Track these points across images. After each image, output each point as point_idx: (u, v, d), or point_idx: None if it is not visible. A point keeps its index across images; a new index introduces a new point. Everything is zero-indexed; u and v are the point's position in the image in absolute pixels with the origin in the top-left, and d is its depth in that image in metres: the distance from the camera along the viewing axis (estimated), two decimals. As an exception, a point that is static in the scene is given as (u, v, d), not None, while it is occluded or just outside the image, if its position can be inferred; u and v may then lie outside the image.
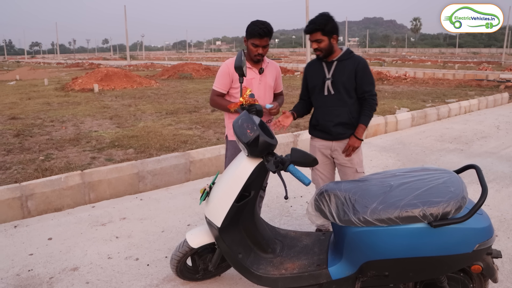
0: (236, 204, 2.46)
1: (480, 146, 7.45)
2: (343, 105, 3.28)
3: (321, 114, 3.37)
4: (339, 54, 3.29)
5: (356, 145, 3.30)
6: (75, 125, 9.13)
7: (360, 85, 3.28)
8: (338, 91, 3.26)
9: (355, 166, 3.41)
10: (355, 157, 3.39)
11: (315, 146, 3.49)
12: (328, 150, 3.41)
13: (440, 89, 16.88)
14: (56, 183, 4.70)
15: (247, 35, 3.26)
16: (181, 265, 2.86)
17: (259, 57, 3.28)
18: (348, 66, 3.27)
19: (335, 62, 3.28)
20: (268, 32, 3.22)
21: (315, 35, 3.17)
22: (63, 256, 3.53)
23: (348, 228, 2.32)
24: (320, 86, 3.31)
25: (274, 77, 3.52)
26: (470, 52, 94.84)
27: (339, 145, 3.36)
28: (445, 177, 2.36)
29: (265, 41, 3.22)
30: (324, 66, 3.31)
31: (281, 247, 2.76)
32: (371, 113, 3.34)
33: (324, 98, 3.31)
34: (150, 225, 4.16)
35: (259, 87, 3.37)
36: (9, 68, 43.64)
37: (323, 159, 3.45)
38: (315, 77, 3.37)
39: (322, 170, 3.49)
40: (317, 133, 3.45)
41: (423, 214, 2.15)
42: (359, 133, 3.31)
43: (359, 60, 3.32)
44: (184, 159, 5.69)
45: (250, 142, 2.36)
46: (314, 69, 3.40)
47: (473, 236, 2.21)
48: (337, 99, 3.28)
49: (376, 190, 2.38)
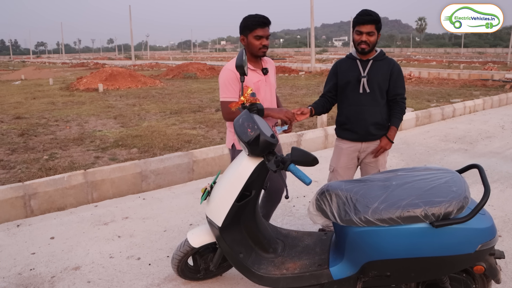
0: (237, 204, 2.45)
1: (485, 146, 7.41)
2: (377, 105, 3.27)
3: (353, 113, 3.30)
4: (375, 54, 3.29)
5: (388, 148, 3.31)
6: (80, 125, 9.17)
7: (394, 87, 3.28)
8: (373, 90, 3.24)
9: (379, 167, 3.40)
10: (381, 158, 3.39)
11: (342, 148, 3.42)
12: (356, 152, 3.37)
13: (445, 89, 16.79)
14: (59, 182, 4.71)
15: (245, 30, 3.04)
16: (182, 264, 2.85)
17: (265, 49, 3.07)
18: (383, 66, 3.26)
19: (370, 61, 3.26)
20: (268, 21, 3.06)
21: (369, 27, 3.12)
22: (65, 255, 3.54)
23: (349, 228, 2.30)
24: (354, 83, 3.27)
25: (274, 75, 3.40)
26: (476, 52, 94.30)
27: (369, 146, 3.33)
28: (448, 177, 2.34)
29: (268, 31, 3.05)
30: (358, 64, 3.28)
31: (282, 247, 2.75)
32: (402, 116, 3.34)
33: (359, 96, 3.27)
34: (153, 224, 4.16)
35: (265, 89, 3.19)
36: (14, 68, 43.91)
37: (347, 162, 3.40)
38: (348, 74, 3.31)
39: (343, 173, 3.42)
40: (346, 134, 3.38)
41: (424, 214, 2.13)
42: (392, 136, 3.30)
43: (394, 62, 3.33)
44: (187, 158, 5.68)
45: (250, 141, 2.35)
46: (347, 66, 3.34)
47: (475, 237, 2.19)
48: (372, 98, 3.26)
49: (378, 189, 2.36)
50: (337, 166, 3.42)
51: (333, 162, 3.48)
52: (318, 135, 7.24)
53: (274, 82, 3.35)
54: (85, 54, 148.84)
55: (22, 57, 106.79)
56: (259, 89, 3.14)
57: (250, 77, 3.09)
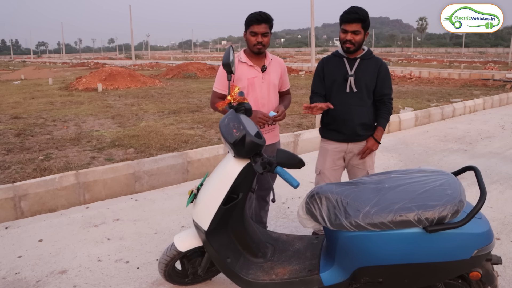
0: (223, 207, 2.36)
1: (484, 147, 7.31)
2: (364, 105, 3.17)
3: (339, 112, 3.18)
4: (362, 52, 3.19)
5: (375, 148, 3.21)
6: (77, 125, 9.10)
7: (381, 87, 3.18)
8: (361, 90, 3.14)
9: (367, 169, 3.29)
10: (369, 159, 3.28)
11: (327, 149, 3.30)
12: (342, 153, 3.26)
13: (446, 88, 16.69)
14: (50, 183, 4.63)
15: (245, 26, 3.12)
16: (169, 269, 2.76)
17: (260, 46, 3.08)
18: (370, 65, 3.17)
19: (358, 60, 3.16)
20: (266, 18, 3.07)
21: (355, 26, 3.01)
22: (52, 259, 3.45)
23: (340, 233, 2.21)
24: (341, 82, 3.16)
25: (278, 74, 3.33)
26: (477, 51, 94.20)
27: (355, 147, 3.23)
28: (442, 179, 2.24)
29: (263, 28, 3.06)
30: (345, 63, 3.18)
31: (272, 251, 2.66)
32: (389, 116, 3.25)
33: (345, 96, 3.16)
34: (143, 226, 4.08)
35: (262, 86, 3.20)
36: (14, 67, 43.85)
37: (333, 164, 3.29)
38: (335, 72, 3.20)
39: (330, 175, 3.31)
40: (331, 135, 3.27)
41: (418, 218, 2.04)
42: (379, 136, 3.20)
43: (381, 61, 3.23)
44: (181, 159, 5.60)
45: (236, 142, 2.26)
46: (333, 64, 3.23)
47: (471, 242, 2.10)
48: (359, 98, 3.16)
49: (370, 192, 2.26)
50: (324, 168, 3.31)
51: (319, 164, 3.37)
52: (315, 135, 7.14)
53: (275, 81, 3.29)
54: (86, 54, 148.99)
55: (23, 57, 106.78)
56: (254, 85, 3.16)
57: (246, 72, 3.14)
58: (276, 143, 3.40)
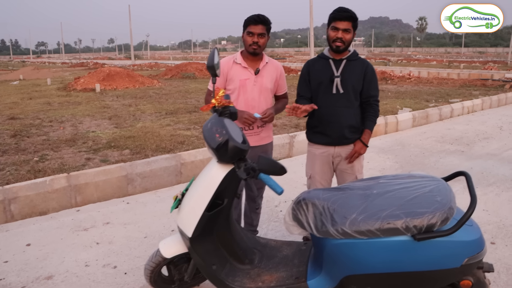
0: (207, 213, 2.30)
1: (482, 148, 7.25)
2: (350, 106, 3.10)
3: (325, 115, 3.11)
4: (348, 54, 3.13)
5: (362, 152, 3.13)
6: (73, 125, 9.05)
7: (367, 89, 3.13)
8: (347, 91, 3.08)
9: (356, 173, 3.21)
10: (357, 163, 3.20)
11: (315, 153, 3.23)
12: (330, 157, 3.19)
13: (444, 88, 16.63)
14: (40, 186, 4.57)
15: (243, 28, 3.15)
16: (155, 275, 2.70)
17: (255, 46, 3.09)
18: (357, 66, 3.11)
19: (344, 61, 3.10)
20: (263, 19, 3.08)
21: (346, 24, 2.97)
22: (39, 264, 3.39)
23: (326, 240, 2.15)
24: (327, 84, 3.09)
25: (273, 78, 3.30)
26: (476, 51, 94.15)
27: (343, 150, 3.15)
28: (432, 185, 2.18)
29: (260, 29, 3.07)
30: (331, 64, 3.11)
31: (259, 258, 2.60)
32: (376, 118, 3.18)
33: (331, 97, 3.09)
34: (133, 230, 4.02)
35: (253, 89, 3.18)
36: (13, 67, 43.80)
37: (322, 168, 3.22)
38: (321, 74, 3.13)
39: (321, 179, 3.25)
40: (317, 138, 3.20)
41: (406, 226, 1.98)
42: (366, 139, 3.13)
43: (368, 63, 3.18)
44: (174, 161, 5.54)
45: (218, 147, 2.20)
46: (319, 66, 3.17)
47: (461, 250, 2.03)
48: (345, 99, 3.09)
49: (357, 199, 2.20)
50: (313, 172, 3.25)
51: (308, 168, 3.31)
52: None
53: (268, 85, 3.26)
54: (85, 54, 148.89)
55: (22, 57, 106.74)
56: (245, 87, 3.17)
57: (239, 73, 3.16)
58: (267, 144, 3.36)
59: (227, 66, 3.20)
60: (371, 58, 52.23)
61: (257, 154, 3.26)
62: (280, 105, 3.41)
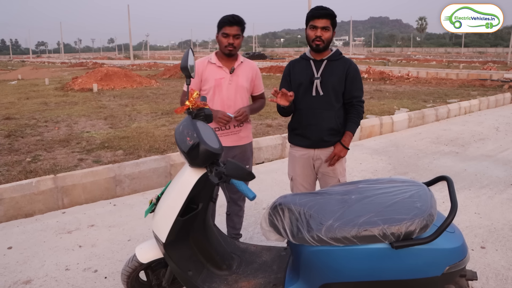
0: (180, 219, 2.22)
1: (477, 149, 7.17)
2: (331, 109, 3.00)
3: (304, 117, 3.04)
4: (329, 53, 3.03)
5: (342, 155, 3.02)
6: (69, 126, 9.00)
7: (350, 89, 3.02)
8: (327, 93, 2.98)
9: (338, 176, 3.11)
10: (339, 166, 3.09)
11: (295, 155, 3.15)
12: (310, 159, 3.10)
13: (443, 89, 16.56)
14: (26, 188, 4.50)
15: (217, 28, 3.11)
16: (132, 280, 2.63)
17: (231, 47, 3.07)
18: (338, 67, 3.00)
19: (324, 61, 3.00)
20: (238, 20, 3.06)
21: (325, 22, 2.88)
22: (19, 267, 3.32)
23: (303, 247, 2.07)
24: (307, 85, 3.01)
25: (249, 78, 3.26)
26: (476, 51, 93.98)
27: (323, 153, 3.06)
28: (413, 191, 2.10)
29: (235, 30, 3.05)
30: (312, 65, 3.02)
31: (238, 263, 2.53)
32: (359, 120, 3.06)
33: (311, 99, 3.01)
34: (118, 233, 3.94)
35: (229, 88, 3.15)
36: (13, 67, 43.74)
37: (304, 170, 3.14)
38: (301, 75, 3.05)
39: (302, 181, 3.16)
40: (297, 140, 3.12)
41: (383, 233, 1.90)
42: (346, 142, 3.02)
43: (350, 62, 3.06)
44: (164, 162, 5.47)
45: (189, 151, 2.12)
46: (300, 67, 3.09)
47: (442, 258, 1.96)
48: (325, 102, 2.99)
49: (335, 204, 2.13)
50: (295, 174, 3.17)
51: (290, 170, 3.23)
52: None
53: (244, 84, 3.23)
54: (85, 53, 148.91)
55: (22, 57, 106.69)
56: (221, 86, 3.16)
57: (214, 73, 3.16)
58: (246, 145, 3.32)
59: (201, 66, 3.17)
60: (371, 58, 52.15)
61: (236, 154, 3.21)
62: (256, 105, 3.37)
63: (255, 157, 6.43)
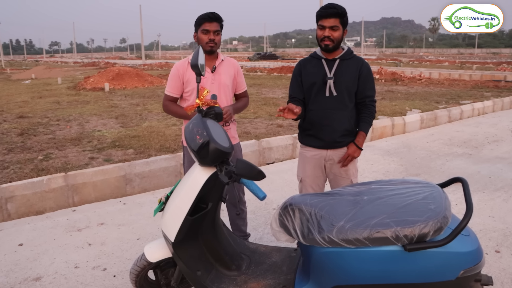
0: (189, 218, 2.20)
1: (491, 151, 7.05)
2: (344, 109, 2.95)
3: (317, 117, 2.98)
4: (341, 52, 2.97)
5: (356, 155, 2.97)
6: (80, 124, 9.08)
7: (363, 89, 2.96)
8: (341, 93, 2.92)
9: (351, 177, 3.05)
10: (352, 167, 3.04)
11: (306, 156, 3.10)
12: (322, 160, 3.04)
13: (456, 90, 16.37)
14: (37, 186, 4.53)
15: (196, 26, 3.11)
16: (140, 279, 2.61)
17: (212, 44, 3.04)
18: (351, 66, 2.94)
19: (337, 61, 2.94)
20: (217, 16, 3.07)
21: (333, 21, 2.81)
22: (29, 264, 3.33)
23: (313, 248, 2.04)
24: (320, 85, 2.95)
25: (231, 75, 3.22)
26: (490, 52, 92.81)
27: (335, 154, 3.00)
28: (426, 192, 2.05)
29: (215, 26, 3.04)
30: (324, 64, 2.96)
31: (247, 264, 2.50)
32: (371, 120, 3.01)
33: (324, 100, 2.95)
34: (127, 231, 3.94)
35: (211, 87, 3.09)
36: (27, 67, 44.26)
37: (314, 171, 3.09)
38: (313, 75, 2.98)
39: (312, 183, 3.11)
40: (309, 141, 3.06)
41: (396, 235, 1.85)
42: (360, 142, 2.97)
43: (363, 61, 3.00)
44: (174, 161, 5.46)
45: (199, 149, 2.10)
46: (311, 67, 3.02)
47: (456, 262, 1.91)
48: (339, 102, 2.94)
49: (346, 205, 2.09)
50: (304, 175, 3.11)
51: (300, 171, 3.17)
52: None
53: (227, 82, 3.19)
54: (97, 53, 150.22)
55: (36, 57, 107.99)
56: (203, 86, 3.07)
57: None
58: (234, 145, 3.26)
59: (182, 68, 3.13)
60: (382, 59, 51.81)
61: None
62: (240, 104, 3.32)
63: (266, 157, 6.40)
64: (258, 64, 40.99)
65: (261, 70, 30.94)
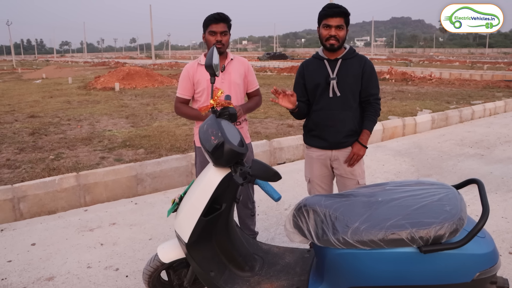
0: (203, 218, 2.20)
1: (503, 151, 6.97)
2: (348, 109, 2.93)
3: (321, 118, 2.98)
4: (344, 52, 2.95)
5: (361, 153, 2.94)
6: (91, 124, 9.14)
7: (366, 87, 2.94)
8: (345, 93, 2.91)
9: (357, 178, 3.03)
10: (358, 168, 3.02)
11: (312, 157, 3.09)
12: (328, 160, 3.04)
13: (466, 90, 16.22)
14: (49, 185, 4.56)
15: (204, 28, 3.11)
16: (153, 280, 2.62)
17: (220, 45, 3.04)
18: (354, 65, 2.93)
19: (339, 61, 2.92)
20: (224, 17, 3.06)
21: (339, 20, 2.81)
22: (42, 264, 3.36)
23: (328, 249, 2.03)
24: (324, 86, 2.94)
25: (241, 74, 3.22)
26: (501, 52, 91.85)
27: (340, 154, 2.99)
28: (442, 194, 2.03)
29: (222, 27, 3.04)
30: (326, 65, 2.94)
31: (261, 265, 2.49)
32: (376, 118, 2.99)
33: (328, 100, 2.94)
34: (139, 231, 3.96)
35: (222, 86, 3.09)
36: (38, 66, 44.69)
37: (321, 171, 3.08)
38: (316, 76, 2.97)
39: (320, 182, 3.10)
40: (314, 142, 3.06)
41: (411, 237, 1.84)
42: (364, 140, 2.94)
43: (366, 59, 2.98)
44: (185, 161, 5.48)
45: (214, 150, 2.10)
46: (314, 68, 3.01)
47: (472, 264, 1.89)
48: (343, 102, 2.93)
49: (361, 206, 2.07)
50: (312, 176, 3.10)
51: (307, 172, 3.16)
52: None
53: (237, 80, 3.19)
54: (107, 53, 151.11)
55: (47, 56, 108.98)
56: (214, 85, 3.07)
57: (205, 73, 3.08)
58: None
59: (192, 69, 3.14)
60: (392, 59, 51.52)
61: None
62: (251, 104, 3.30)
63: (277, 158, 6.40)
64: (268, 64, 41.01)
65: (271, 70, 30.93)
